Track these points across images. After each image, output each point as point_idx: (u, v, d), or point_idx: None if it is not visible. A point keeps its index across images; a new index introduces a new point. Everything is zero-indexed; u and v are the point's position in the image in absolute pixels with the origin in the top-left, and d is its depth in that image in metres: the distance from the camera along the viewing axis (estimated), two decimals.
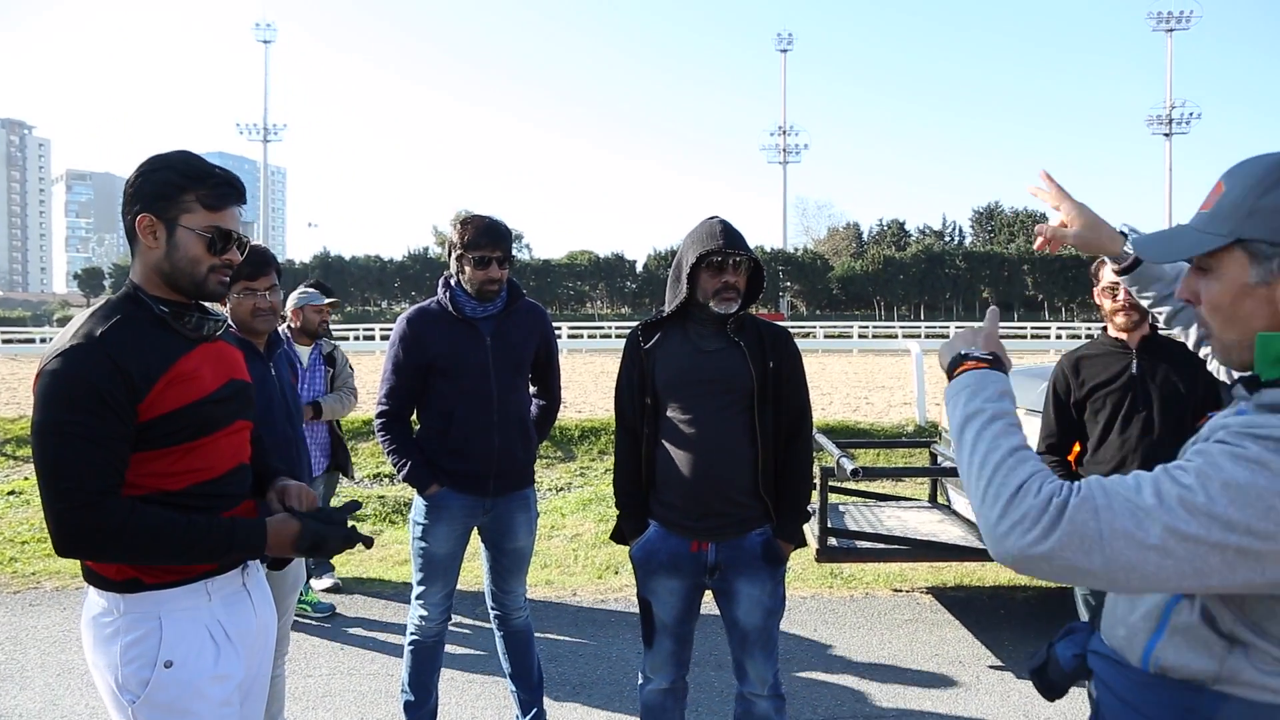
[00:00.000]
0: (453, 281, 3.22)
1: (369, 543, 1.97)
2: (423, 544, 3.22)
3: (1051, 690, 1.42)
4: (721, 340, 2.74)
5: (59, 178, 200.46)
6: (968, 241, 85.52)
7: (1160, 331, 3.12)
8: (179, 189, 1.81)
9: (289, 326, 4.98)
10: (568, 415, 10.55)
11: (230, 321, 2.07)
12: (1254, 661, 1.10)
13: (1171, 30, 67.24)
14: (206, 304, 1.97)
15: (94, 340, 1.71)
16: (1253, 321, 1.16)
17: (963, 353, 1.40)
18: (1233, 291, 1.17)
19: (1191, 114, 68.27)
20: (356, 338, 46.18)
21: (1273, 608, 1.08)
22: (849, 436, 9.49)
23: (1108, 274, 3.07)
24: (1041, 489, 1.12)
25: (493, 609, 3.43)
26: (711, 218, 2.78)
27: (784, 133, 79.50)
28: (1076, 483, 1.13)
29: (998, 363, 1.38)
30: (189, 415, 1.81)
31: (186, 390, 1.81)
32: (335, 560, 6.27)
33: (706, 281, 2.71)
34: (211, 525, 1.79)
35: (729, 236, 2.69)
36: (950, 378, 1.39)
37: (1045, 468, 1.18)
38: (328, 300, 5.06)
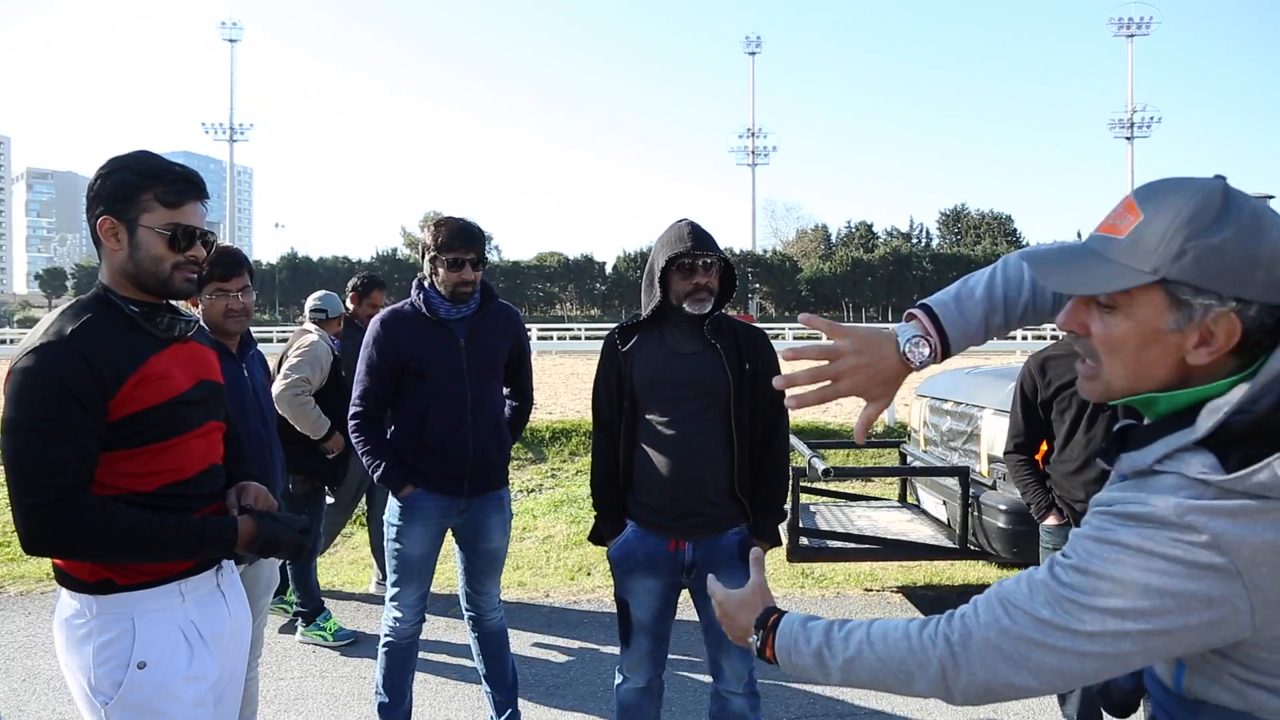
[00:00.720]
0: (426, 283, 3.22)
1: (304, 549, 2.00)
2: (397, 545, 3.21)
3: (1119, 709, 1.42)
4: (698, 342, 2.77)
5: (19, 176, 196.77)
6: (935, 243, 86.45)
7: None
8: (136, 189, 1.81)
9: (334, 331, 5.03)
10: (539, 417, 10.53)
11: (202, 323, 2.05)
12: (1254, 673, 1.06)
13: (1132, 36, 68.34)
14: (178, 304, 1.97)
15: (64, 338, 1.71)
16: (1154, 369, 1.09)
17: (753, 637, 1.38)
18: (1142, 334, 1.08)
19: (1152, 118, 69.44)
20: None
21: (1250, 653, 1.04)
22: (819, 437, 9.56)
23: None
24: (927, 656, 1.15)
25: (467, 610, 3.42)
26: (680, 220, 2.80)
27: (752, 135, 79.81)
28: (962, 617, 1.15)
29: (775, 617, 1.36)
30: (159, 415, 1.81)
31: (157, 390, 1.80)
32: None
33: (678, 284, 2.73)
34: (182, 523, 1.80)
35: (698, 238, 2.72)
36: (764, 655, 1.36)
37: (901, 630, 1.20)
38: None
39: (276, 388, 4.34)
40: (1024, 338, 41.40)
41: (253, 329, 3.04)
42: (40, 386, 1.67)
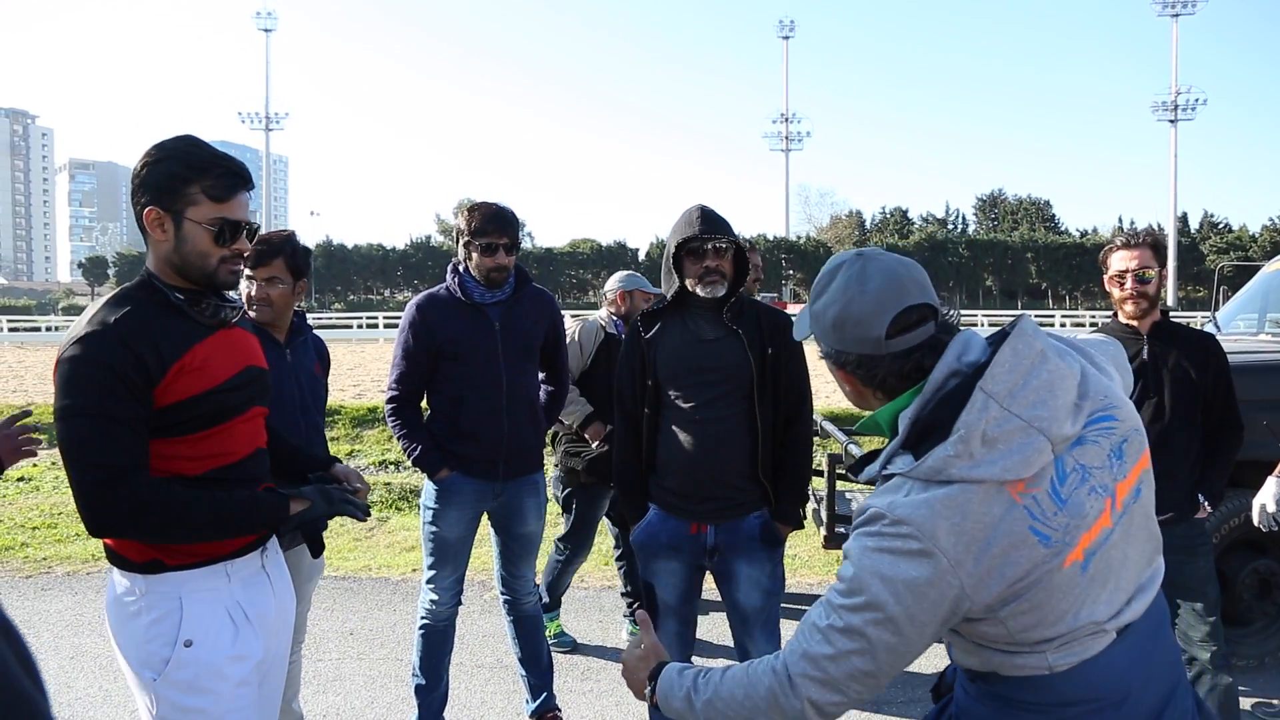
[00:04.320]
0: (461, 268, 3.23)
1: (366, 512, 2.08)
2: (433, 529, 3.24)
3: (937, 698, 1.62)
4: (720, 328, 2.76)
5: (62, 167, 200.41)
6: (971, 229, 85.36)
7: (1170, 317, 3.14)
8: (183, 181, 1.80)
9: (612, 313, 4.51)
10: None
11: (245, 308, 2.06)
12: (1001, 650, 1.29)
13: (1177, 15, 66.74)
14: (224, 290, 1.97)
15: (108, 326, 1.73)
16: (846, 394, 1.46)
17: (648, 689, 1.52)
18: (830, 371, 1.46)
19: (1197, 100, 67.81)
20: (359, 325, 46.24)
21: (988, 633, 1.27)
22: (855, 424, 9.47)
23: (1115, 261, 3.07)
24: (760, 687, 1.33)
25: (502, 594, 3.45)
26: (692, 206, 2.80)
27: (786, 120, 79.14)
28: (785, 644, 1.35)
29: (658, 670, 1.52)
30: (204, 403, 1.83)
31: (199, 379, 1.82)
32: (343, 546, 6.31)
33: (689, 268, 2.73)
34: (234, 499, 1.84)
35: (706, 222, 2.72)
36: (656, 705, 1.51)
37: (744, 666, 1.39)
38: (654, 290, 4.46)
39: None
40: (1061, 324, 40.90)
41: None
42: (88, 373, 1.70)
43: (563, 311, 3.59)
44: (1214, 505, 3.07)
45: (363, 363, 21.65)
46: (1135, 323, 3.07)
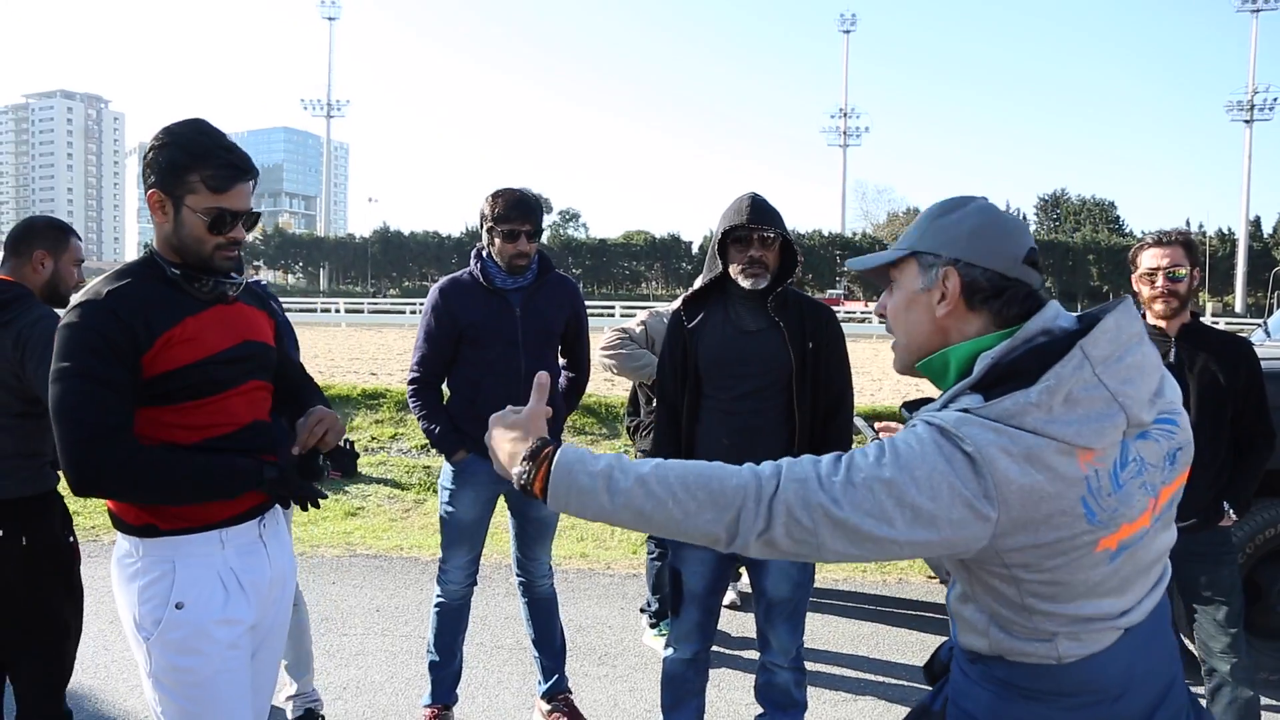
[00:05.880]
0: (485, 253, 3.26)
1: (314, 503, 2.02)
2: (449, 509, 3.29)
3: (931, 678, 1.60)
4: (762, 320, 2.74)
5: (132, 150, 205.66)
6: (1032, 229, 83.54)
7: (1201, 319, 3.05)
8: (184, 168, 1.85)
9: None
10: (614, 393, 10.59)
11: (243, 282, 2.06)
12: (1011, 634, 1.27)
13: (1258, 11, 64.54)
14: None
15: (101, 297, 1.82)
16: (919, 329, 1.39)
17: (519, 468, 1.28)
18: (905, 298, 1.41)
19: (1275, 99, 65.60)
20: (413, 311, 46.76)
21: (1001, 591, 1.25)
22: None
23: (1146, 259, 2.99)
24: (746, 480, 1.22)
25: (518, 576, 3.49)
26: (744, 194, 2.76)
27: (844, 115, 78.37)
28: (788, 467, 1.24)
29: (551, 449, 1.28)
30: (194, 373, 1.89)
31: (188, 350, 1.88)
32: (378, 526, 6.43)
33: (734, 256, 2.71)
34: (213, 462, 1.89)
35: (755, 211, 2.68)
36: (530, 489, 1.27)
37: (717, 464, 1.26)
38: None
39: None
40: None
41: (344, 300, 3.03)
42: (77, 338, 1.78)
43: (613, 303, 3.59)
44: (1239, 514, 2.99)
45: (413, 348, 21.96)
46: (1163, 323, 2.99)
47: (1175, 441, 1.29)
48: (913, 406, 1.38)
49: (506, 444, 1.33)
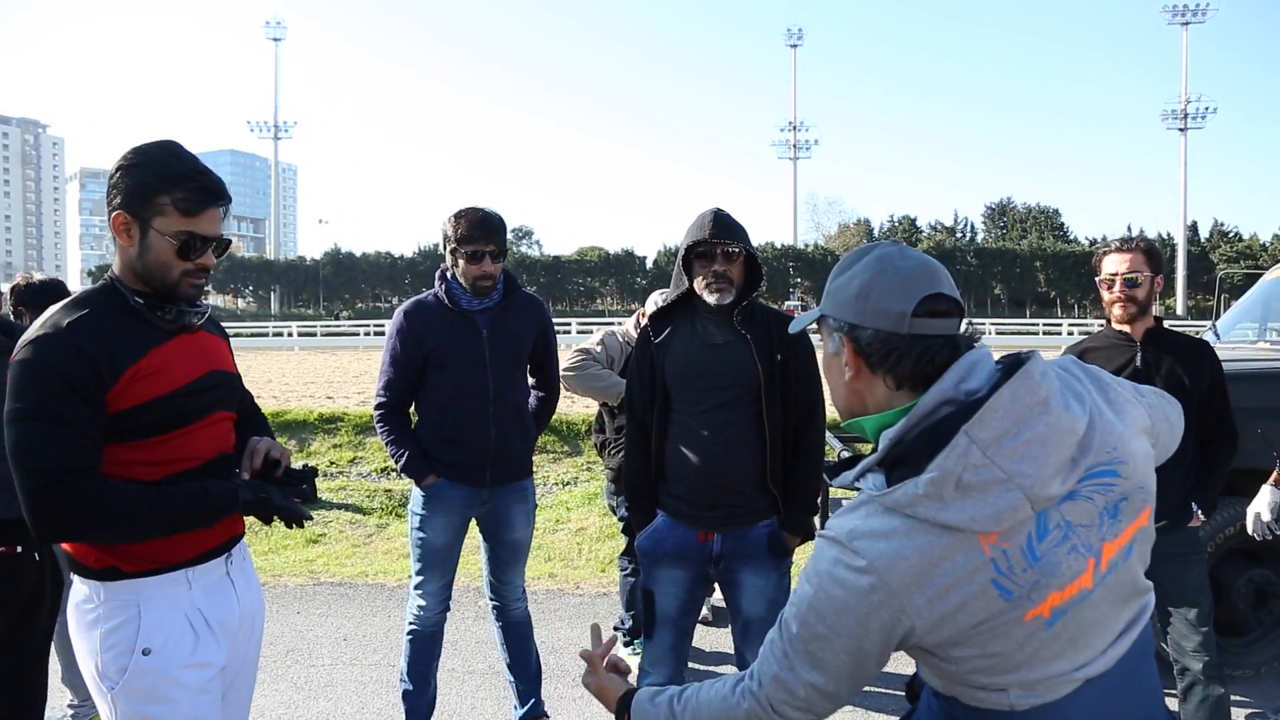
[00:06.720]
0: (449, 275, 3.22)
1: (299, 522, 1.94)
2: (420, 534, 3.23)
3: (912, 696, 1.60)
4: (729, 333, 2.73)
5: (73, 176, 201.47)
6: (980, 238, 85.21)
7: (1165, 325, 3.11)
8: (154, 190, 1.76)
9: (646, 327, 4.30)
10: (575, 410, 10.53)
11: (208, 310, 1.98)
12: (963, 674, 1.23)
13: (1187, 24, 66.67)
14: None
15: (61, 330, 1.70)
16: (835, 391, 1.41)
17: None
18: (824, 361, 1.43)
19: (1207, 109, 67.74)
20: (367, 333, 46.27)
21: (942, 668, 1.25)
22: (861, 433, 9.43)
23: (1107, 265, 3.04)
24: (739, 710, 1.35)
25: (491, 599, 3.44)
26: (708, 209, 2.76)
27: (794, 128, 79.26)
28: (758, 664, 1.36)
29: (627, 699, 1.55)
30: (162, 407, 1.80)
31: (157, 382, 1.79)
32: (341, 553, 6.31)
33: (699, 271, 2.70)
34: (182, 490, 1.79)
35: (719, 226, 2.68)
36: None
37: (724, 686, 1.41)
38: None
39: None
40: (1069, 333, 40.74)
41: (298, 324, 3.00)
42: (36, 376, 1.67)
43: (569, 320, 3.57)
44: (1207, 514, 3.04)
45: (369, 370, 21.68)
46: (1127, 328, 3.04)
47: (1117, 491, 1.22)
48: (833, 472, 1.40)
49: (607, 702, 1.62)
